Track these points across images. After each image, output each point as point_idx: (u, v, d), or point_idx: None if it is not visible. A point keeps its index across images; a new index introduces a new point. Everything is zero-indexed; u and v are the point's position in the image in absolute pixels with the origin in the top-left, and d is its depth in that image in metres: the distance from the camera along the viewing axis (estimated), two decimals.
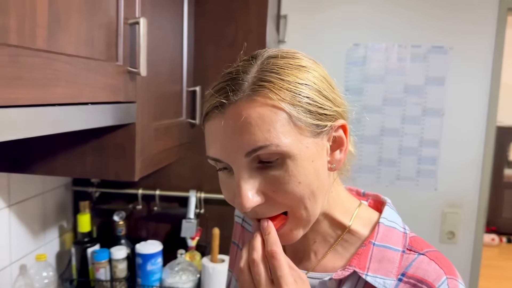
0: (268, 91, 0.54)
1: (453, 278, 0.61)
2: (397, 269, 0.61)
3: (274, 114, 0.54)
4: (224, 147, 0.56)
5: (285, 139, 0.54)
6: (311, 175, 0.57)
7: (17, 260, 1.28)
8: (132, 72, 0.99)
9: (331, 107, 0.59)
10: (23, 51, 0.63)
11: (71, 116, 0.77)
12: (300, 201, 0.57)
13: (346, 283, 0.63)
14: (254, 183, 0.56)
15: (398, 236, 0.64)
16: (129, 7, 0.97)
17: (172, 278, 1.36)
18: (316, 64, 0.62)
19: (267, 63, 0.58)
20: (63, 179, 1.51)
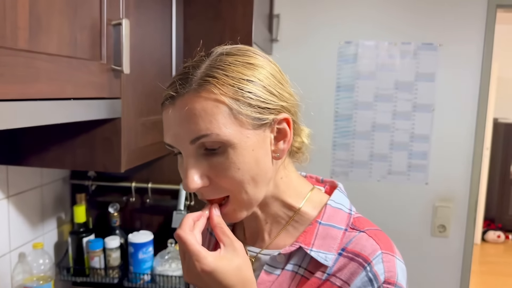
0: (212, 86, 0.61)
1: (389, 253, 0.66)
2: (338, 245, 0.67)
3: (216, 107, 0.60)
4: (174, 135, 0.63)
5: (226, 129, 0.60)
6: (251, 162, 0.63)
7: (16, 248, 1.36)
8: (116, 70, 1.05)
9: (275, 102, 0.64)
10: (4, 51, 0.70)
11: (52, 110, 0.84)
12: (240, 186, 0.63)
13: (293, 258, 0.69)
14: (199, 167, 0.63)
15: (343, 216, 0.71)
16: (113, 9, 1.04)
17: (162, 266, 1.43)
18: (267, 62, 0.67)
19: (216, 59, 0.64)
20: (61, 173, 1.59)
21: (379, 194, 2.06)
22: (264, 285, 0.70)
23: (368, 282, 0.64)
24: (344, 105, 2.06)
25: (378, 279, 0.64)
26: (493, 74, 4.48)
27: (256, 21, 1.56)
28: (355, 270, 0.65)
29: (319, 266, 0.67)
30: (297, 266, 0.69)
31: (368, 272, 0.64)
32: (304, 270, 0.69)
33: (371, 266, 0.64)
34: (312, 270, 0.68)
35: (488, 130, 4.71)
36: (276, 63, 0.70)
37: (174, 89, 0.63)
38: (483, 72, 1.95)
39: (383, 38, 2.00)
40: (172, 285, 1.44)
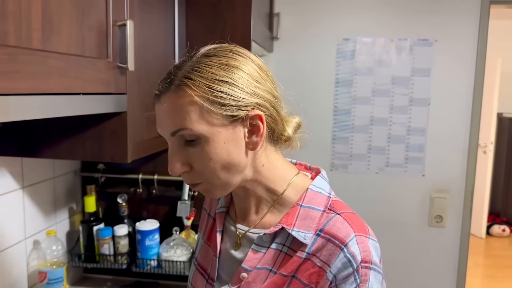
0: (188, 87, 0.69)
1: (362, 235, 0.74)
2: (316, 225, 0.75)
3: (189, 105, 0.69)
4: (159, 126, 0.75)
5: (198, 125, 0.70)
6: (222, 153, 0.72)
7: (31, 235, 1.46)
8: (121, 67, 1.14)
9: (248, 99, 0.71)
10: (21, 51, 0.79)
11: (63, 104, 0.93)
12: (213, 172, 0.73)
13: (278, 237, 0.77)
14: (180, 156, 0.73)
15: (322, 199, 0.78)
16: (118, 11, 1.13)
17: (168, 252, 1.52)
18: (246, 61, 0.74)
19: (196, 61, 0.72)
20: (72, 166, 1.68)
21: (377, 186, 2.13)
22: (251, 262, 0.78)
23: (348, 262, 0.71)
24: (343, 100, 2.13)
25: (356, 259, 0.71)
26: (497, 70, 4.51)
27: (256, 20, 1.63)
28: (333, 252, 0.72)
29: (300, 245, 0.75)
30: (281, 245, 0.77)
31: (346, 254, 0.71)
32: (287, 248, 0.76)
33: (347, 247, 0.71)
34: (294, 248, 0.75)
35: (493, 125, 4.74)
36: (258, 61, 0.77)
37: (159, 87, 0.73)
38: (478, 66, 2.01)
39: (380, 34, 2.07)
40: (177, 269, 1.53)
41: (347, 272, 0.71)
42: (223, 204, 0.88)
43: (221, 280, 0.82)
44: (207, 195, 0.78)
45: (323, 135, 2.15)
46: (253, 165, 0.77)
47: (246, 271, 0.77)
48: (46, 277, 1.41)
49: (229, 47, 0.76)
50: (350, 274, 0.71)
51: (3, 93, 0.75)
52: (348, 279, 0.71)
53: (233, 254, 0.82)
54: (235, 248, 0.82)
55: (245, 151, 0.74)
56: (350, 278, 0.71)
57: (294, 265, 0.74)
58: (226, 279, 0.81)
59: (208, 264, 0.87)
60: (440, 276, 2.13)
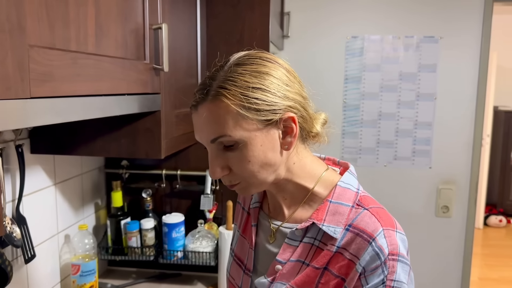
0: (224, 97, 0.74)
1: (389, 229, 0.78)
2: (345, 220, 0.80)
3: (227, 113, 0.74)
4: (198, 135, 0.80)
5: (236, 132, 0.74)
6: (260, 156, 0.77)
7: (62, 230, 1.52)
8: (157, 69, 1.20)
9: (281, 103, 0.76)
10: (80, 55, 0.85)
11: (113, 104, 0.99)
12: (251, 174, 0.78)
13: (309, 231, 0.82)
14: (220, 160, 0.78)
15: (351, 195, 0.82)
16: (153, 15, 1.19)
17: (193, 243, 1.59)
18: (275, 66, 0.78)
19: (229, 71, 0.76)
20: (97, 162, 1.74)
21: (386, 179, 2.21)
22: (285, 255, 0.83)
23: (376, 256, 0.74)
24: (352, 96, 2.20)
25: (384, 252, 0.75)
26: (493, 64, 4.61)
27: (271, 20, 1.70)
28: (361, 246, 0.76)
29: (330, 239, 0.79)
30: (312, 238, 0.81)
31: (374, 247, 0.75)
32: (319, 242, 0.81)
33: (375, 241, 0.75)
34: (325, 241, 0.80)
35: (489, 118, 4.84)
36: (285, 64, 0.81)
37: (195, 98, 0.78)
38: (481, 62, 2.09)
39: (387, 32, 2.14)
40: (203, 260, 1.60)
41: (375, 264, 0.74)
42: (257, 199, 0.94)
43: (257, 271, 0.88)
44: (243, 193, 0.83)
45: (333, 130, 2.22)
46: (285, 164, 0.82)
47: (281, 264, 0.83)
48: (79, 270, 1.47)
49: (258, 54, 0.80)
50: (378, 267, 0.74)
51: (69, 95, 0.81)
52: (376, 271, 0.74)
53: (268, 247, 0.87)
54: (269, 242, 0.87)
55: (280, 151, 0.79)
56: (378, 270, 0.74)
57: (326, 258, 0.79)
58: (262, 271, 0.87)
59: (244, 255, 0.93)
60: (446, 264, 2.22)
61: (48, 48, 0.75)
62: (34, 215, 1.35)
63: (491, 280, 3.84)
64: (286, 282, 0.82)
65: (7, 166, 1.24)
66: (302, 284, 0.80)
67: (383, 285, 0.75)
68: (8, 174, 1.24)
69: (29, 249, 1.28)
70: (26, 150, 1.30)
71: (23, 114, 0.69)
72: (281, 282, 0.82)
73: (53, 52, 0.76)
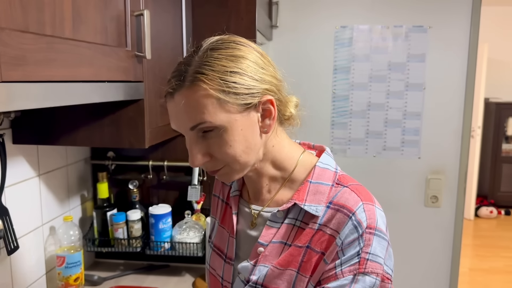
0: (201, 82, 0.73)
1: (368, 203, 0.79)
2: (326, 199, 0.80)
3: (206, 99, 0.73)
4: (176, 123, 0.78)
5: (216, 116, 0.73)
6: (240, 140, 0.76)
7: (47, 221, 1.50)
8: (139, 56, 1.18)
9: (258, 86, 0.76)
10: (56, 40, 0.83)
11: (93, 91, 0.97)
12: (233, 158, 0.77)
13: (290, 213, 0.83)
14: (200, 147, 0.77)
15: (330, 174, 0.83)
16: (135, 1, 1.17)
17: (181, 234, 1.58)
18: (250, 50, 0.78)
19: (204, 56, 0.75)
20: (83, 154, 1.72)
21: (375, 169, 2.21)
22: (267, 237, 0.83)
23: (354, 229, 0.75)
24: (341, 86, 2.19)
25: (362, 225, 0.76)
26: (483, 56, 4.61)
27: (258, 9, 1.68)
28: (341, 220, 0.77)
29: (311, 218, 0.80)
30: (294, 219, 0.82)
31: (353, 221, 0.76)
32: (300, 222, 0.81)
33: (355, 215, 0.76)
34: (306, 221, 0.81)
35: (480, 110, 4.86)
36: (258, 48, 0.80)
37: (171, 85, 0.76)
38: (470, 52, 2.09)
39: (376, 22, 2.13)
40: (190, 251, 1.59)
41: (353, 237, 0.75)
42: (236, 188, 0.94)
43: (239, 258, 0.88)
44: (225, 179, 0.82)
45: (322, 120, 2.21)
46: (265, 147, 0.82)
47: (263, 246, 0.83)
48: (64, 261, 1.45)
49: (231, 38, 0.79)
50: (355, 239, 0.75)
51: (43, 80, 0.79)
52: (353, 243, 0.75)
53: (249, 233, 0.87)
54: (250, 228, 0.87)
55: (260, 134, 0.79)
56: (354, 242, 0.75)
57: (308, 236, 0.79)
58: (244, 257, 0.87)
59: (224, 245, 0.92)
60: (435, 254, 2.22)
61: (21, 31, 0.73)
62: (17, 207, 1.33)
63: (481, 270, 3.86)
64: (269, 264, 0.82)
65: None
66: (285, 264, 0.80)
67: (358, 256, 0.75)
68: None
69: (12, 240, 1.26)
70: (8, 141, 1.28)
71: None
72: (264, 264, 0.82)
73: (26, 36, 0.74)
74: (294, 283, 0.79)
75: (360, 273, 0.75)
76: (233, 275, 0.88)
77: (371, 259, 0.75)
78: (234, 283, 0.87)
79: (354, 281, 0.74)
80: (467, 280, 3.66)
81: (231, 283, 0.88)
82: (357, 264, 0.75)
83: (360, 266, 0.75)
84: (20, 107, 0.74)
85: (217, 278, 0.92)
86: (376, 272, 0.75)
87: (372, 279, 0.75)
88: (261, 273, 0.82)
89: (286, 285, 0.79)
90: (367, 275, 0.75)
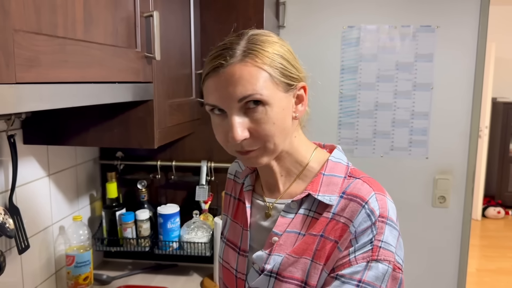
0: (255, 56, 0.76)
1: (380, 194, 0.82)
2: (339, 189, 0.83)
3: (259, 72, 0.76)
4: (222, 96, 0.77)
5: (266, 91, 0.76)
6: (282, 119, 0.79)
7: (57, 221, 1.51)
8: (148, 57, 1.19)
9: (296, 73, 0.82)
10: (68, 41, 0.84)
11: (103, 92, 0.98)
12: (272, 137, 0.78)
13: (304, 203, 0.85)
14: (243, 122, 0.77)
15: (342, 168, 0.87)
16: (144, 2, 1.17)
17: (189, 234, 1.58)
18: (284, 42, 0.84)
19: (251, 38, 0.79)
20: (92, 154, 1.74)
21: (382, 169, 2.20)
22: (281, 226, 0.85)
23: (367, 217, 0.78)
24: (349, 86, 2.19)
25: (375, 213, 0.78)
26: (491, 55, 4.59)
27: (266, 9, 1.68)
28: (355, 209, 0.79)
29: (325, 208, 0.83)
30: (307, 210, 0.85)
31: (366, 210, 0.78)
32: (314, 212, 0.84)
33: (368, 204, 0.79)
34: (320, 211, 0.83)
35: (487, 109, 4.83)
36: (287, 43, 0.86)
37: (222, 59, 0.76)
38: (479, 51, 2.08)
39: (383, 22, 2.12)
40: (198, 250, 1.59)
41: (366, 225, 0.78)
42: (249, 183, 0.96)
43: (253, 250, 0.90)
44: (254, 162, 0.82)
45: (329, 120, 2.21)
46: (291, 135, 0.85)
47: (277, 235, 0.85)
48: (74, 261, 1.47)
49: (267, 31, 0.84)
50: (368, 227, 0.78)
51: (56, 81, 0.80)
52: (366, 231, 0.78)
53: (263, 225, 0.89)
54: (264, 219, 0.90)
55: (291, 119, 0.82)
56: (367, 230, 0.78)
57: (322, 225, 0.82)
58: (258, 248, 0.89)
59: (237, 238, 0.94)
60: (443, 254, 2.22)
61: (34, 33, 0.74)
62: (28, 206, 1.34)
63: (489, 271, 3.84)
64: (283, 254, 0.84)
65: (0, 157, 1.23)
66: (300, 252, 0.82)
67: (370, 244, 0.78)
68: (0, 166, 1.24)
69: (23, 239, 1.27)
70: (19, 141, 1.30)
71: (8, 100, 0.68)
72: (278, 254, 0.84)
73: (40, 37, 0.75)
74: (309, 271, 0.81)
75: (373, 260, 0.77)
76: (247, 266, 0.90)
77: (384, 247, 0.78)
78: (248, 274, 0.89)
79: (367, 268, 0.77)
80: (474, 281, 3.65)
81: (245, 274, 0.90)
82: (370, 251, 0.77)
83: (373, 254, 0.77)
84: (32, 108, 0.75)
85: (231, 271, 0.94)
86: (388, 259, 0.78)
87: (384, 266, 0.77)
88: (276, 262, 0.83)
89: (300, 273, 0.81)
90: (380, 262, 0.77)
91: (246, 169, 0.99)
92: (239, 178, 1.02)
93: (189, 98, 1.58)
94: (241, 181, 1.00)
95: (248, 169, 0.98)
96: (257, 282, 0.86)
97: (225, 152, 0.88)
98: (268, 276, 0.84)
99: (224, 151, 0.87)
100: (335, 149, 0.91)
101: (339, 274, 0.78)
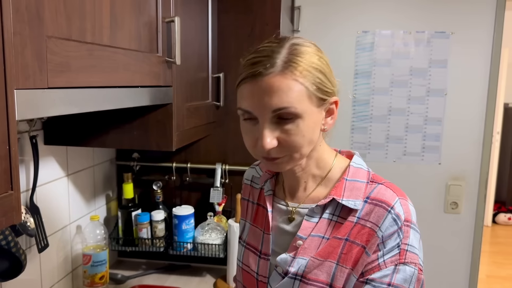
0: (294, 69, 0.77)
1: (403, 199, 0.85)
2: (363, 194, 0.85)
3: (296, 86, 0.77)
4: (257, 104, 0.78)
5: (301, 104, 0.77)
6: (311, 132, 0.81)
7: (74, 220, 1.54)
8: (169, 62, 1.21)
9: (331, 87, 0.83)
10: (96, 47, 0.86)
11: (127, 96, 1.00)
12: (300, 148, 0.80)
13: (328, 208, 0.87)
14: (273, 132, 0.79)
15: (364, 173, 0.89)
16: (166, 8, 1.20)
17: (203, 235, 1.60)
18: (322, 54, 0.84)
19: (293, 48, 0.79)
20: (109, 154, 1.76)
21: (395, 174, 2.21)
22: (306, 230, 0.87)
23: (393, 222, 0.81)
24: (362, 91, 2.20)
25: (401, 218, 0.81)
26: (504, 60, 4.56)
27: (282, 14, 1.70)
28: (381, 213, 0.81)
29: (349, 212, 0.84)
30: (331, 214, 0.86)
31: (392, 214, 0.81)
32: (337, 217, 0.86)
33: (393, 209, 0.81)
34: (343, 216, 0.85)
35: (499, 115, 4.80)
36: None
37: (262, 67, 0.77)
38: (493, 59, 2.07)
39: (398, 27, 2.13)
40: (212, 252, 1.61)
41: (392, 230, 0.80)
42: (270, 188, 0.97)
43: (275, 253, 0.91)
44: (278, 167, 0.84)
45: (342, 125, 2.22)
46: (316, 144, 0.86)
47: (302, 239, 0.87)
48: (90, 260, 1.49)
49: (307, 39, 0.84)
50: (395, 232, 0.80)
51: (85, 86, 0.82)
52: (393, 236, 0.80)
53: (286, 228, 0.91)
54: (286, 223, 0.91)
55: (319, 131, 0.84)
56: (394, 234, 0.80)
57: (347, 229, 0.83)
58: (280, 251, 0.90)
59: (258, 242, 0.95)
60: (454, 260, 2.22)
61: (65, 39, 0.76)
62: (47, 206, 1.37)
63: (499, 278, 3.82)
64: (307, 257, 0.85)
65: (22, 157, 1.26)
66: (325, 255, 0.84)
67: (398, 248, 0.80)
68: (22, 165, 1.26)
69: (43, 238, 1.30)
70: (40, 141, 1.32)
71: (40, 104, 0.71)
72: (303, 257, 0.86)
73: (70, 43, 0.77)
74: (334, 274, 0.82)
75: (400, 263, 0.80)
76: (269, 269, 0.92)
77: (410, 250, 0.81)
78: (270, 276, 0.91)
79: (395, 271, 0.79)
80: (484, 287, 3.63)
81: (267, 277, 0.91)
82: (397, 255, 0.80)
83: (400, 257, 0.80)
84: (62, 112, 0.78)
85: (251, 274, 0.95)
86: (414, 262, 0.81)
87: (411, 268, 0.80)
88: (300, 265, 0.85)
89: (325, 276, 0.83)
90: (407, 265, 0.80)
91: (265, 174, 1.00)
92: (256, 184, 1.04)
93: (206, 102, 1.60)
94: (259, 186, 1.01)
95: (267, 174, 1.00)
96: (281, 285, 0.87)
97: (239, 155, 0.90)
98: (293, 278, 0.85)
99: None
100: (354, 155, 0.93)
101: (369, 278, 0.80)
